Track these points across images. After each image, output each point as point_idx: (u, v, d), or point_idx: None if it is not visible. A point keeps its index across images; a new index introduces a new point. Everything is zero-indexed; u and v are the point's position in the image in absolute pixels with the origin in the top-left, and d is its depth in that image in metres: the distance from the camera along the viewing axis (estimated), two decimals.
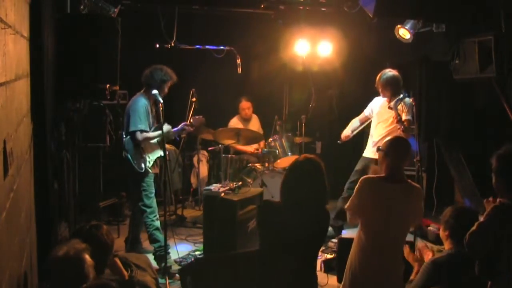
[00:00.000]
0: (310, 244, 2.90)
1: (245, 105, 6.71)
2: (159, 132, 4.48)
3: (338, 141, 5.56)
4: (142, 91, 4.79)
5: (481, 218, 2.76)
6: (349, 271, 3.21)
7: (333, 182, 5.80)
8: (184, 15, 6.00)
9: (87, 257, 2.21)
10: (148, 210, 4.72)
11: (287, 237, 2.80)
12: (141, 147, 4.66)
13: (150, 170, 4.73)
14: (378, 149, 3.39)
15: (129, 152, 4.64)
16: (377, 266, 3.11)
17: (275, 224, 2.85)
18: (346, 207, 3.28)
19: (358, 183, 3.20)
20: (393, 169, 3.17)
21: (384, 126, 5.17)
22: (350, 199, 3.23)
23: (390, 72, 5.14)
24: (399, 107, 4.88)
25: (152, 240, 4.72)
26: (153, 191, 4.80)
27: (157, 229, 4.75)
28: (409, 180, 3.27)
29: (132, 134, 4.58)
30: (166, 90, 4.77)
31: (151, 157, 4.76)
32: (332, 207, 5.57)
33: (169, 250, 4.68)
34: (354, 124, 5.51)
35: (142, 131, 4.59)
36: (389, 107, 4.88)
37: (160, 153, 4.83)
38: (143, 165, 4.68)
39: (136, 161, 4.65)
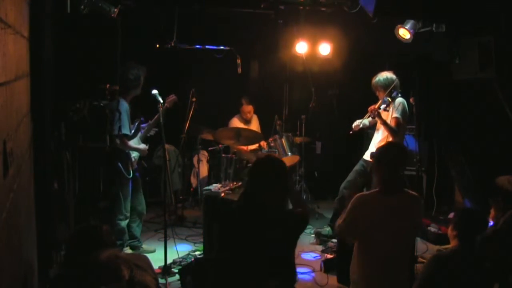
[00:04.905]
0: (273, 247, 2.72)
1: (246, 109, 6.69)
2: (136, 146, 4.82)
3: (350, 132, 5.52)
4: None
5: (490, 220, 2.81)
6: None
7: (333, 182, 5.85)
8: (184, 15, 6.00)
9: (104, 227, 2.52)
10: (118, 211, 4.81)
11: (246, 244, 2.69)
12: (128, 152, 4.76)
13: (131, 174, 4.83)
14: (371, 156, 3.30)
15: (120, 160, 4.70)
16: (383, 283, 3.01)
17: (234, 233, 2.74)
18: (336, 227, 3.13)
19: (351, 202, 3.05)
20: (387, 179, 3.02)
21: (383, 130, 5.19)
22: (341, 217, 3.09)
23: (383, 75, 5.23)
24: (387, 106, 5.00)
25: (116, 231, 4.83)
26: (130, 194, 4.90)
27: (122, 228, 4.84)
28: (405, 189, 3.13)
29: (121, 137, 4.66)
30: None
31: (136, 156, 4.86)
32: (331, 208, 5.58)
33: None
34: (364, 123, 5.51)
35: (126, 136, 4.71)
36: (384, 109, 5.01)
37: (141, 145, 4.94)
38: (130, 169, 4.75)
39: (125, 167, 4.71)
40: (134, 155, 4.88)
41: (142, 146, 4.94)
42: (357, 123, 5.47)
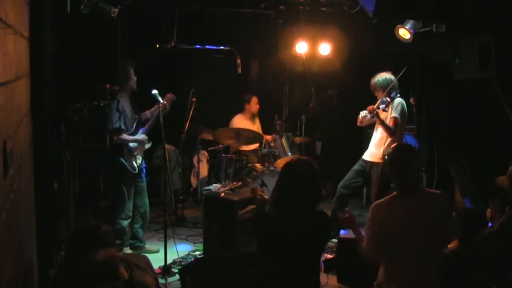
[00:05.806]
0: (308, 248, 2.86)
1: (256, 100, 6.69)
2: (135, 138, 4.78)
3: (358, 124, 5.51)
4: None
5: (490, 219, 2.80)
6: None
7: (333, 183, 5.85)
8: (184, 15, 6.00)
9: (103, 227, 2.58)
10: (120, 210, 4.81)
11: (283, 243, 2.79)
12: (130, 147, 4.71)
13: (137, 170, 4.80)
14: (383, 159, 3.25)
15: (122, 156, 4.69)
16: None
17: (270, 233, 2.84)
18: (362, 252, 2.91)
19: (369, 212, 2.90)
20: (403, 181, 2.87)
21: (382, 130, 5.19)
22: (364, 240, 2.90)
23: (381, 75, 5.25)
24: (386, 106, 5.02)
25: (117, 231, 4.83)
26: (132, 193, 4.90)
27: (123, 228, 4.84)
28: (426, 189, 2.99)
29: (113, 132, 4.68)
30: (134, 77, 4.85)
31: (141, 156, 4.86)
32: (331, 207, 5.57)
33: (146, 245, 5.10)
34: (367, 118, 5.51)
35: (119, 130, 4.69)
36: (383, 109, 5.02)
37: (146, 145, 4.94)
38: (135, 164, 4.74)
39: (128, 162, 4.70)
40: (135, 146, 4.87)
41: (142, 136, 4.91)
42: (363, 114, 5.45)
